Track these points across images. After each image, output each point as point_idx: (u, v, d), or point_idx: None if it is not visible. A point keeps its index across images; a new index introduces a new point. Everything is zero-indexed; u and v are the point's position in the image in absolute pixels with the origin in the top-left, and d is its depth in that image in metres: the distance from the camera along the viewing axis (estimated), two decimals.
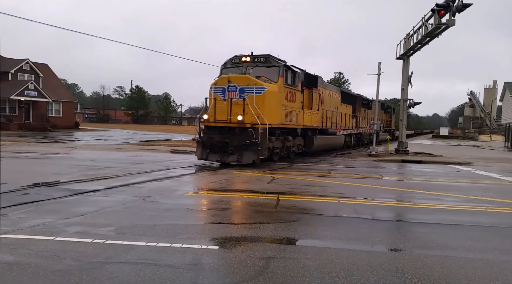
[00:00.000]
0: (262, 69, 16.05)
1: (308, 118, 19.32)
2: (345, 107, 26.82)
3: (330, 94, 23.86)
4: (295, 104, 17.61)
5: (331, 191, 10.10)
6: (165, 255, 4.76)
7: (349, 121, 28.05)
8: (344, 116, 26.39)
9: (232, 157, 14.71)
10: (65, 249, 4.87)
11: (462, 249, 5.54)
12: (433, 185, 12.03)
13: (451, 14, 19.10)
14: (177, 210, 7.33)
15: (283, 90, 16.34)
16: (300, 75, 18.09)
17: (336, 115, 24.50)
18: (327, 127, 22.64)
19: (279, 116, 16.04)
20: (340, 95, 25.92)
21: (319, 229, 6.40)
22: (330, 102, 23.44)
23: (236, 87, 14.95)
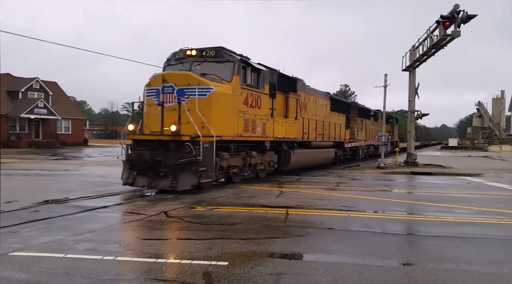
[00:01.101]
0: (212, 66, 12.68)
1: (281, 129, 15.96)
2: (336, 116, 23.77)
3: (316, 100, 20.73)
4: (260, 111, 14.23)
5: (340, 204, 10.02)
6: (175, 273, 4.73)
7: (342, 133, 24.52)
8: (335, 127, 23.04)
9: (165, 181, 10.97)
10: (76, 266, 4.86)
11: (476, 262, 5.45)
12: (444, 197, 11.89)
13: (456, 25, 19.14)
14: (184, 223, 7.30)
15: (240, 92, 12.96)
16: (267, 75, 14.72)
17: (323, 126, 21.22)
18: (311, 139, 19.19)
19: (234, 126, 12.65)
20: (330, 102, 22.84)
21: (330, 244, 6.34)
22: (315, 110, 20.41)
23: (173, 88, 11.54)
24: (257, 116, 14.11)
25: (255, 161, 14.70)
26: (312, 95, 20.19)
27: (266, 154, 15.49)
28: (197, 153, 10.84)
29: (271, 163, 16.17)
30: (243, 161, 13.84)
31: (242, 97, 13.09)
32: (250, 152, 14.14)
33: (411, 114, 24.72)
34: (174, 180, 10.85)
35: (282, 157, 16.65)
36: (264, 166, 15.62)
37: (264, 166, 15.59)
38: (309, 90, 19.81)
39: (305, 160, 18.81)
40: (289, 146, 17.09)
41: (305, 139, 18.48)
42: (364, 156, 31.28)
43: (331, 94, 23.70)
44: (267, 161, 15.82)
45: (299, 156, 17.66)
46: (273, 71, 15.85)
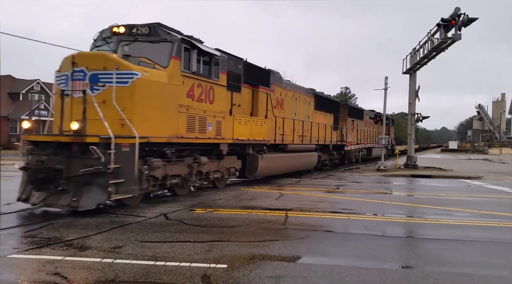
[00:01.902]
0: (145, 47, 9.97)
1: (245, 129, 13.24)
2: (322, 116, 21.38)
3: (296, 97, 18.13)
4: (213, 106, 11.45)
5: (340, 207, 10.01)
6: (173, 275, 4.73)
7: (328, 135, 22.00)
8: (319, 128, 20.52)
9: (64, 197, 8.05)
10: (75, 268, 4.85)
11: (475, 265, 5.44)
12: (444, 199, 11.88)
13: (457, 28, 19.19)
14: (182, 226, 7.29)
15: (182, 81, 10.14)
16: (223, 63, 11.94)
17: (303, 126, 18.56)
18: (287, 141, 16.65)
19: (171, 124, 9.88)
20: (314, 100, 20.31)
21: (329, 246, 6.33)
22: (295, 109, 17.92)
23: (85, 73, 8.80)
24: (208, 113, 11.27)
25: (207, 168, 11.73)
26: (291, 91, 17.65)
27: (224, 159, 12.66)
28: (107, 160, 7.98)
29: (231, 170, 13.35)
30: (188, 168, 10.87)
31: (184, 87, 10.23)
32: (199, 157, 11.22)
33: (411, 117, 24.73)
34: (75, 197, 7.96)
35: (249, 163, 14.03)
36: (222, 174, 12.85)
37: (221, 174, 12.78)
38: (287, 85, 17.48)
39: (278, 166, 16.23)
40: (258, 149, 14.44)
41: (279, 141, 15.98)
42: (356, 159, 28.98)
43: (316, 91, 21.01)
44: (226, 167, 13.02)
45: (271, 162, 15.11)
46: (237, 60, 13.38)
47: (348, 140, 25.59)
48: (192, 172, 11.01)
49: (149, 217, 8.17)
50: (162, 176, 9.98)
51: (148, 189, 9.67)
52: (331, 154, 23.57)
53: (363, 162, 30.07)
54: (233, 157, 13.35)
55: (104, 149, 8.06)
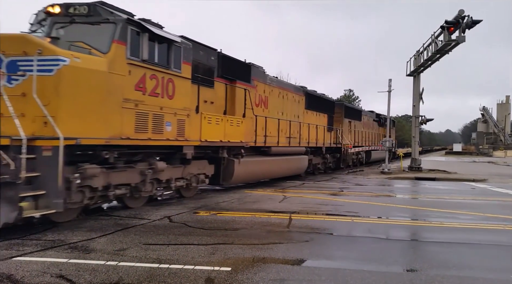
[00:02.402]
0: (83, 29, 8.37)
1: (217, 129, 11.53)
2: (314, 116, 19.77)
3: (283, 95, 16.52)
4: (173, 102, 9.71)
5: (344, 209, 9.99)
6: (177, 278, 4.73)
7: (321, 136, 20.35)
8: (310, 129, 18.82)
9: None
10: (79, 271, 4.87)
11: (481, 269, 5.41)
12: (448, 202, 11.83)
13: (461, 30, 19.15)
14: (186, 228, 7.30)
15: (129, 70, 8.49)
16: (186, 51, 10.20)
17: (291, 127, 16.74)
18: (270, 144, 14.98)
19: (113, 122, 8.15)
20: (305, 99, 18.67)
21: (333, 249, 6.31)
22: (282, 108, 16.40)
23: (1, 59, 7.31)
24: (167, 110, 9.56)
25: (167, 175, 10.11)
26: (278, 88, 16.12)
27: (191, 164, 10.97)
28: (18, 167, 6.47)
29: (200, 177, 11.59)
30: (140, 176, 9.26)
31: (132, 78, 8.57)
32: (155, 162, 9.64)
33: (415, 119, 24.67)
34: None
35: (222, 168, 12.50)
36: (189, 182, 11.14)
37: (188, 182, 11.08)
38: (272, 81, 15.85)
39: (259, 171, 14.58)
40: (235, 152, 12.92)
41: (261, 143, 14.35)
42: (353, 163, 27.58)
43: (307, 89, 19.52)
44: (194, 174, 11.31)
45: (250, 166, 13.59)
46: (208, 50, 11.78)
47: (344, 143, 24.10)
48: (145, 180, 9.35)
49: (153, 219, 8.19)
50: (104, 186, 8.27)
51: (84, 202, 7.89)
52: (325, 157, 21.83)
53: (362, 166, 29.18)
54: (203, 162, 11.66)
55: (20, 152, 6.56)
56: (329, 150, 22.23)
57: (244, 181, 14.33)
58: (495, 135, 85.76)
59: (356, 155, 27.92)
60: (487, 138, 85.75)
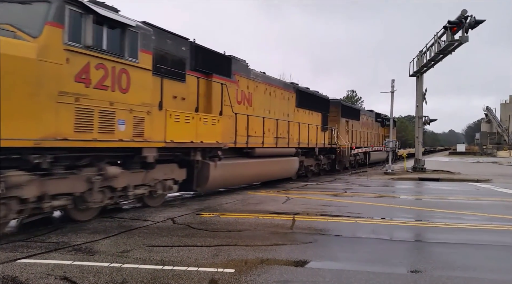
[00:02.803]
0: (13, 9, 7.20)
1: (186, 128, 10.05)
2: (306, 115, 18.53)
3: (271, 92, 15.32)
4: (128, 96, 8.36)
5: (347, 210, 9.97)
6: (181, 280, 4.73)
7: (314, 136, 19.02)
8: (301, 129, 17.38)
9: None
10: (83, 273, 4.88)
11: (486, 270, 5.38)
12: (452, 203, 11.79)
13: (463, 30, 19.12)
14: (190, 230, 7.30)
15: (66, 58, 7.16)
16: (145, 37, 8.86)
17: (277, 126, 15.34)
18: (254, 144, 13.71)
19: (44, 119, 6.79)
20: (295, 96, 17.44)
21: (337, 251, 6.30)
22: (269, 105, 15.21)
23: None
24: (119, 106, 8.15)
25: (124, 183, 8.73)
26: (264, 84, 14.85)
27: (156, 169, 9.58)
28: None
29: (168, 184, 10.09)
30: (87, 183, 7.89)
31: (71, 68, 7.22)
32: (106, 167, 8.21)
33: (419, 120, 24.61)
34: None
35: (195, 173, 11.00)
36: (153, 189, 9.72)
37: (151, 189, 9.66)
38: (257, 76, 14.42)
39: (241, 175, 13.12)
40: (212, 154, 11.47)
41: (242, 144, 13.04)
42: (351, 164, 26.08)
43: (298, 85, 18.49)
44: (159, 180, 9.85)
45: (229, 170, 12.13)
46: (178, 39, 10.49)
47: (340, 143, 22.82)
48: (93, 188, 7.96)
49: (157, 221, 8.20)
50: (37, 196, 6.95)
51: (9, 216, 6.57)
52: (318, 158, 20.23)
53: (360, 167, 28.15)
54: (171, 165, 10.20)
55: None
56: (323, 150, 20.87)
57: (222, 185, 12.92)
58: (499, 136, 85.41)
59: (354, 156, 26.44)
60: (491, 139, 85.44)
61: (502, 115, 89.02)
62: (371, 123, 31.82)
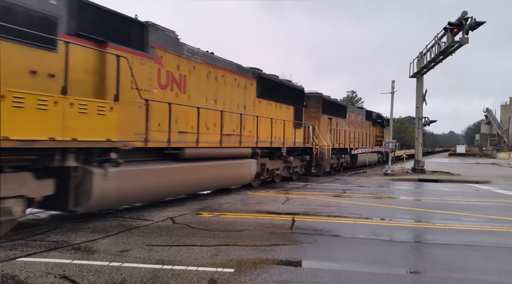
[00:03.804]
0: None
1: (45, 119, 6.41)
2: (272, 108, 15.51)
3: (217, 76, 12.05)
4: None
5: (347, 211, 9.97)
6: (180, 279, 4.73)
7: (280, 134, 15.81)
8: (264, 124, 14.52)
9: None
10: (82, 272, 4.88)
11: (485, 271, 5.38)
12: (452, 204, 11.79)
13: (464, 32, 19.13)
14: (189, 229, 7.30)
15: None
16: None
17: (222, 118, 12.00)
18: (185, 143, 10.45)
19: None
20: (257, 84, 14.34)
21: (336, 251, 6.30)
22: (214, 93, 11.89)
23: None
24: None
25: None
26: (206, 66, 11.52)
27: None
28: None
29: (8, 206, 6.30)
30: None
31: None
32: None
33: (418, 121, 24.62)
34: None
35: (71, 186, 7.38)
36: None
37: None
38: (193, 54, 10.98)
39: (156, 187, 9.32)
40: (102, 158, 7.81)
41: (160, 143, 9.52)
42: (333, 168, 23.12)
43: (261, 72, 15.00)
44: None
45: (133, 180, 8.55)
46: None
47: (320, 144, 19.79)
48: None
49: (156, 220, 8.20)
50: None
51: None
52: (287, 160, 16.76)
53: (345, 171, 25.23)
54: (18, 176, 6.50)
55: None
56: (294, 151, 17.60)
57: (122, 202, 8.93)
58: (498, 137, 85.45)
59: (338, 159, 23.72)
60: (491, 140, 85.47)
61: (502, 117, 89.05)
62: (361, 122, 28.77)
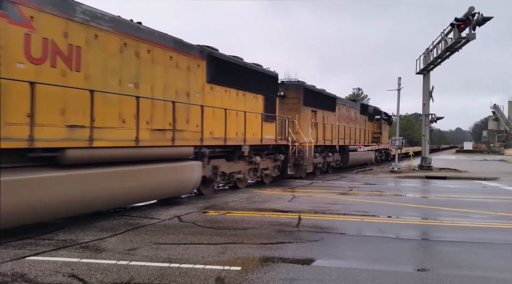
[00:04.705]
0: None
1: None
2: (232, 96, 12.64)
3: (139, 52, 9.14)
4: None
5: (353, 209, 9.95)
6: (188, 277, 4.75)
7: (241, 129, 12.92)
8: (217, 117, 11.69)
9: None
10: (91, 270, 4.92)
11: (493, 268, 5.35)
12: (459, 201, 11.73)
13: (471, 28, 18.97)
14: (196, 228, 7.33)
15: None
16: None
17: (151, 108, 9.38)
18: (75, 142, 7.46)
19: None
20: (206, 66, 11.36)
21: (343, 249, 6.29)
22: (136, 74, 9.05)
23: None
24: None
25: None
26: (117, 35, 8.56)
27: None
28: None
29: None
30: None
31: None
32: None
33: (425, 118, 24.48)
34: None
35: None
36: None
37: None
38: (94, 18, 8.11)
39: None
40: None
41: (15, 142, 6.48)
42: (318, 168, 20.29)
43: (214, 51, 11.92)
44: None
45: None
46: None
47: (301, 141, 17.14)
48: None
49: (163, 219, 8.24)
50: None
51: None
52: (252, 161, 13.77)
53: (336, 172, 22.65)
54: None
55: None
56: (264, 149, 14.69)
57: None
58: (506, 133, 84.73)
59: (324, 158, 20.90)
60: (498, 137, 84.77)
61: (510, 113, 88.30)
62: (354, 116, 26.02)
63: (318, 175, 20.22)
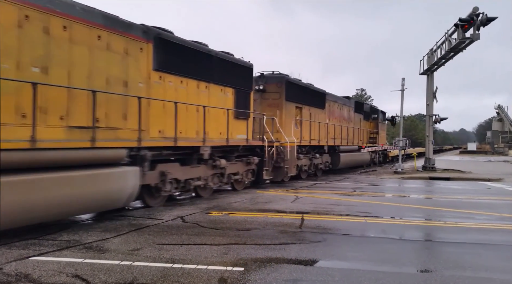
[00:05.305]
0: None
1: None
2: (190, 88, 10.76)
3: (49, 27, 7.08)
4: None
5: (356, 210, 9.93)
6: (191, 278, 4.76)
7: (201, 127, 10.98)
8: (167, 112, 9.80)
9: None
10: (94, 271, 4.93)
11: (497, 270, 5.32)
12: (463, 202, 11.68)
13: (475, 28, 18.92)
14: (199, 228, 7.33)
15: None
16: None
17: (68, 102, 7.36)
18: None
19: None
20: (153, 49, 9.45)
21: (346, 250, 6.28)
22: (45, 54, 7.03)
23: None
24: None
25: None
26: (15, 5, 6.56)
27: None
28: None
29: None
30: None
31: None
32: None
33: (429, 118, 24.42)
34: None
35: None
36: None
37: None
38: None
39: None
40: None
41: None
42: (304, 171, 18.08)
43: (164, 32, 9.98)
44: None
45: None
46: None
47: (283, 140, 15.14)
48: None
49: (166, 219, 8.25)
50: None
51: None
52: (215, 165, 11.72)
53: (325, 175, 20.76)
54: None
55: None
56: (233, 151, 12.85)
57: None
58: (510, 134, 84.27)
59: (310, 159, 18.74)
60: (503, 137, 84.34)
61: None
62: (347, 114, 24.03)
63: (304, 178, 18.08)
